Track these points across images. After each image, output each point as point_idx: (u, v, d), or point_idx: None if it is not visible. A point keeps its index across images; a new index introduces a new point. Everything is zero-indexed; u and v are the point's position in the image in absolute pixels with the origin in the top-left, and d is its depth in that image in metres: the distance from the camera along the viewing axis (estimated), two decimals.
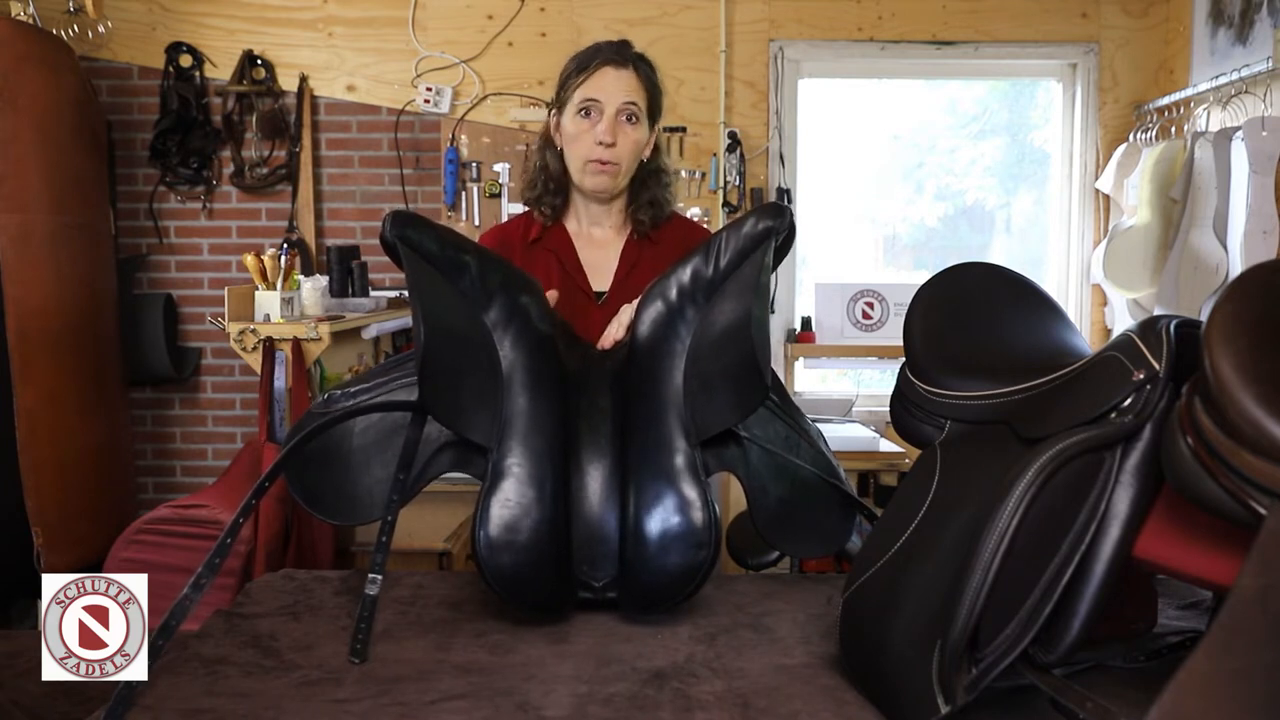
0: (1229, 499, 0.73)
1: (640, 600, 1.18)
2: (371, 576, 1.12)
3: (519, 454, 1.16)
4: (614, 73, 1.62)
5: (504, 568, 1.12)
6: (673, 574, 1.16)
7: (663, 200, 1.71)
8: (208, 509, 2.54)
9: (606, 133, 1.60)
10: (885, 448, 2.97)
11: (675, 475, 1.17)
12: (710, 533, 1.16)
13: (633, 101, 1.62)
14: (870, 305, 3.60)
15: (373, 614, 1.10)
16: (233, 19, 3.58)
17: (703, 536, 1.15)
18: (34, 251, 2.85)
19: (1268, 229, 2.74)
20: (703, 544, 1.15)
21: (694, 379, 1.21)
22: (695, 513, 1.16)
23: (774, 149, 3.63)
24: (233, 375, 3.64)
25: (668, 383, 1.22)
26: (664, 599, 1.18)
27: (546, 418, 1.19)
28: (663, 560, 1.15)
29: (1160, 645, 1.01)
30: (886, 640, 0.94)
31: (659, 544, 1.15)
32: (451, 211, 3.59)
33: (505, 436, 1.16)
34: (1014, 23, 3.60)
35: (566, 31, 3.58)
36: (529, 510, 1.13)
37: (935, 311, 1.24)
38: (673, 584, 1.16)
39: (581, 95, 1.62)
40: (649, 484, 1.17)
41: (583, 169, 1.64)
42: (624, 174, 1.66)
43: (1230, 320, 0.77)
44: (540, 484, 1.15)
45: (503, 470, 1.15)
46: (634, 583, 1.17)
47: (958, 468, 1.05)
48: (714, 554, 1.17)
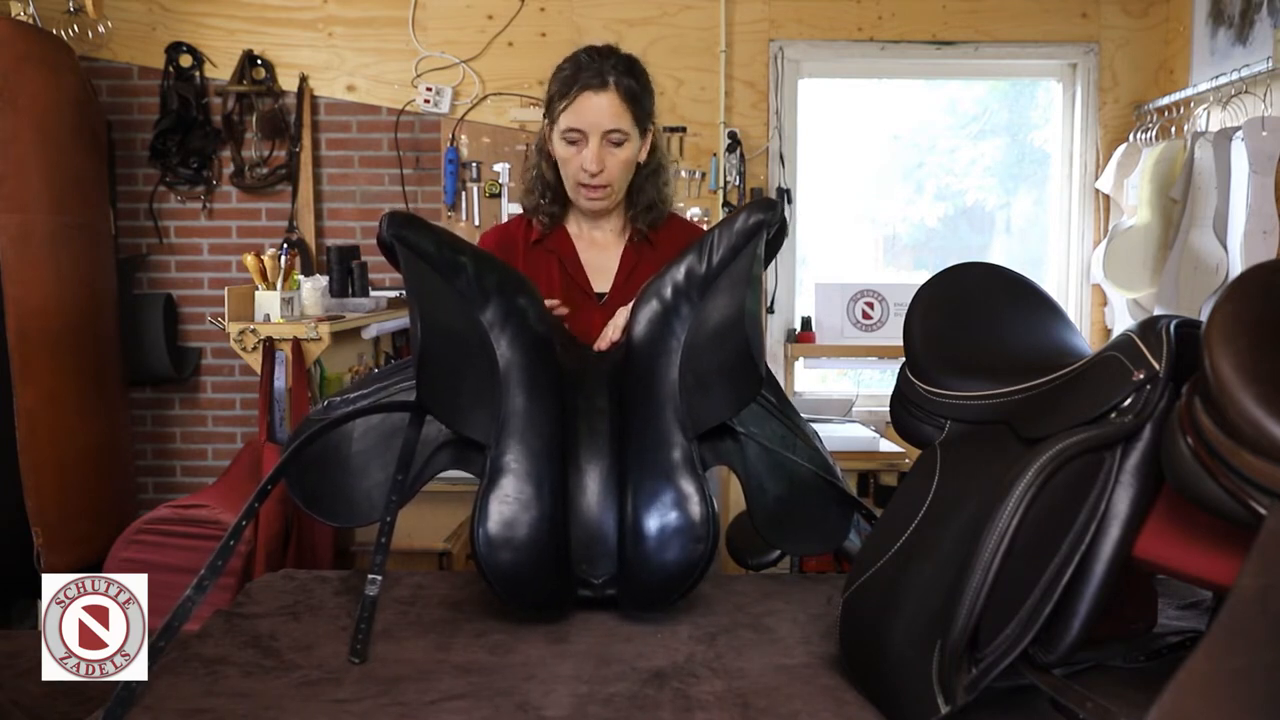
0: (1229, 499, 0.73)
1: (640, 597, 1.18)
2: (371, 577, 1.12)
3: (517, 452, 1.16)
4: (593, 99, 1.59)
5: (503, 565, 1.12)
6: (672, 570, 1.16)
7: (661, 200, 1.71)
8: (208, 509, 2.54)
9: (593, 161, 1.60)
10: (885, 448, 2.97)
11: (672, 470, 1.17)
12: (708, 527, 1.16)
13: (616, 128, 1.60)
14: (870, 305, 3.60)
15: (373, 615, 1.11)
16: (233, 19, 3.57)
17: (700, 531, 1.16)
18: (34, 251, 2.85)
19: (1268, 229, 2.74)
20: (700, 538, 1.16)
21: (689, 374, 1.22)
22: (693, 507, 1.16)
23: (774, 149, 3.63)
24: (233, 375, 3.64)
25: (664, 380, 1.22)
26: (664, 595, 1.18)
27: (544, 417, 1.19)
28: (662, 556, 1.15)
29: (1160, 645, 1.01)
30: (886, 640, 0.94)
31: (658, 540, 1.15)
32: (451, 211, 3.59)
33: (503, 435, 1.17)
34: (1014, 23, 3.60)
35: (566, 31, 3.58)
36: (528, 506, 1.14)
37: (935, 311, 1.24)
38: (672, 580, 1.17)
39: (565, 123, 1.61)
40: (647, 480, 1.18)
41: (575, 190, 1.65)
42: (616, 191, 1.67)
43: (1230, 320, 0.77)
44: (539, 481, 1.15)
45: (501, 467, 1.15)
46: (633, 580, 1.17)
47: (958, 468, 1.05)
48: (712, 547, 1.17)
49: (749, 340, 1.17)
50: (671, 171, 1.75)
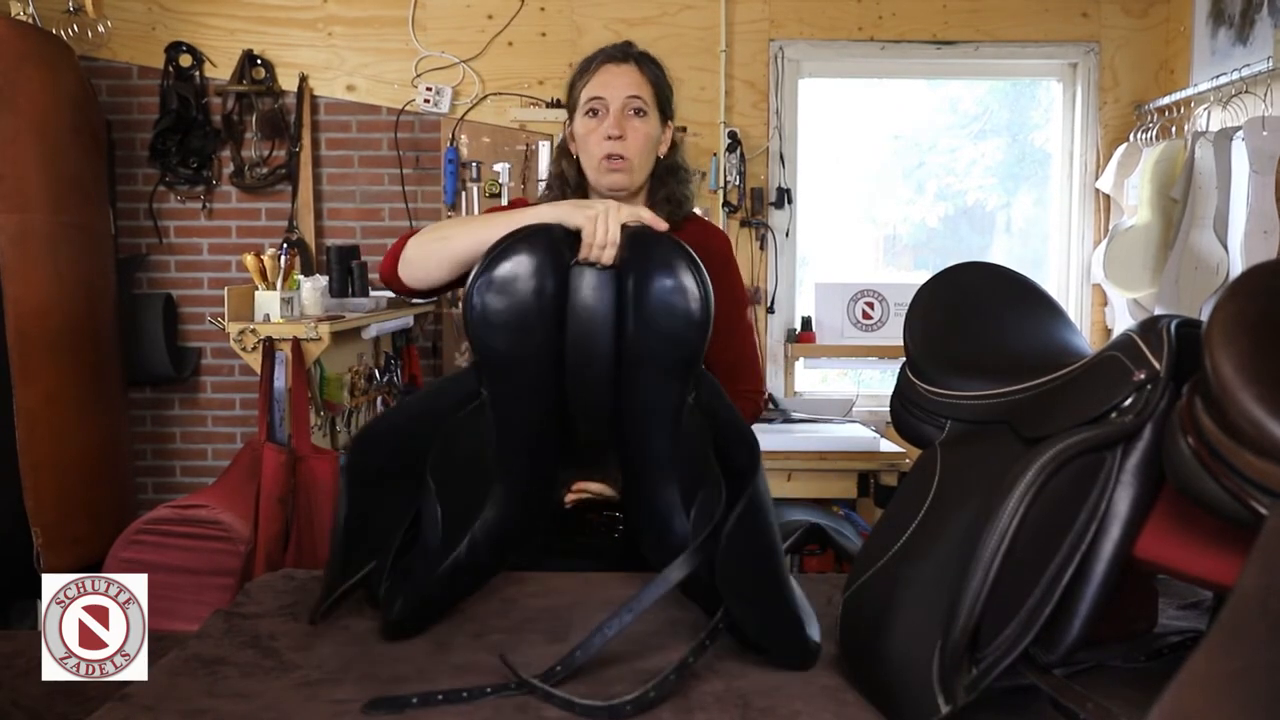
0: (1230, 499, 0.73)
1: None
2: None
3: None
4: (615, 69, 1.62)
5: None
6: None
7: (681, 197, 1.71)
8: (207, 509, 2.53)
9: (614, 125, 1.60)
10: (885, 448, 2.96)
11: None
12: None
13: (636, 95, 1.62)
14: (870, 305, 3.60)
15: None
16: (233, 19, 3.57)
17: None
18: (33, 251, 2.85)
19: (1268, 229, 2.74)
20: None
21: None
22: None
23: (774, 149, 3.63)
24: (232, 375, 3.64)
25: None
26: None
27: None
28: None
29: (1160, 645, 1.01)
30: (886, 640, 0.94)
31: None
32: (451, 211, 3.59)
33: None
34: (1014, 22, 3.60)
35: (566, 31, 3.58)
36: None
37: (935, 311, 1.24)
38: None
39: (587, 95, 1.63)
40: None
41: (598, 168, 1.64)
42: (638, 169, 1.65)
43: (1231, 320, 0.77)
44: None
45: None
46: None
47: (958, 468, 1.05)
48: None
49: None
50: (691, 173, 1.75)
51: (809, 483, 2.92)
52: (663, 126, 1.68)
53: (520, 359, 1.18)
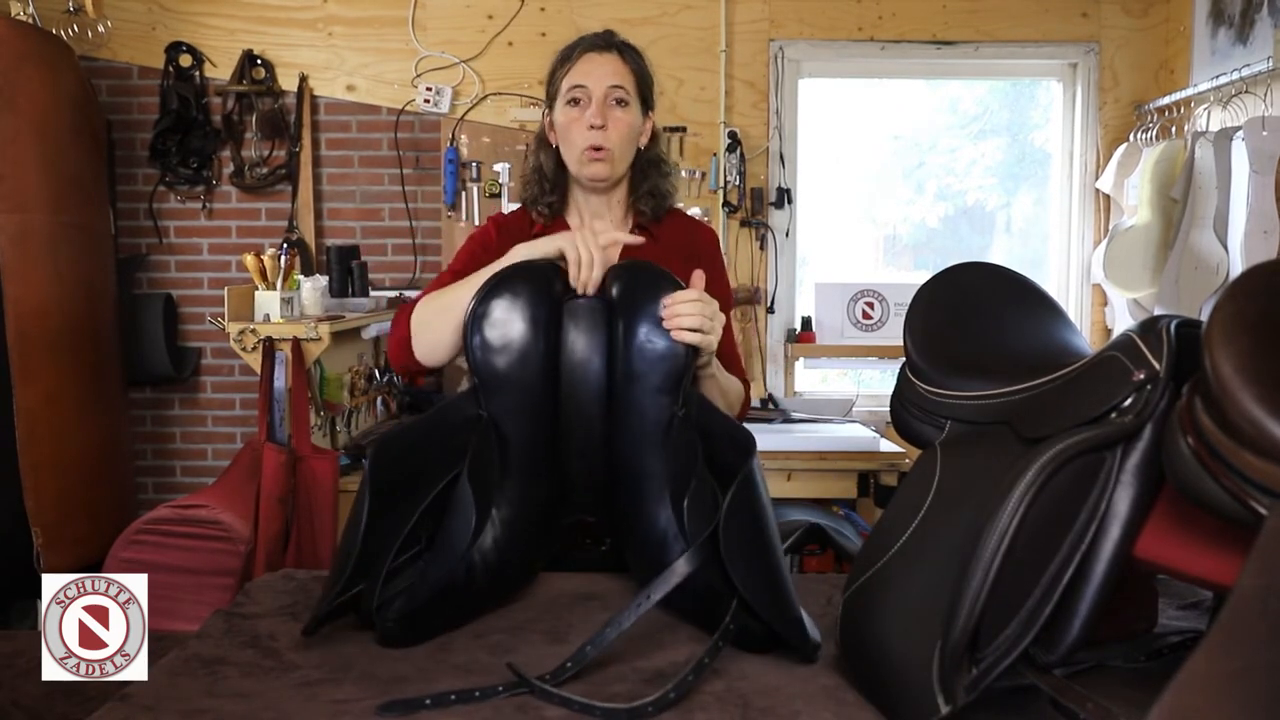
0: (1230, 499, 0.73)
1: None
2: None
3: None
4: (597, 58, 1.61)
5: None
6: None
7: (664, 190, 1.69)
8: (207, 509, 2.53)
9: (595, 115, 1.59)
10: (885, 448, 2.96)
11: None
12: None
13: (619, 85, 1.60)
14: (870, 305, 3.60)
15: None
16: (233, 19, 3.58)
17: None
18: (33, 251, 2.85)
19: (1268, 229, 2.74)
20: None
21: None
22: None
23: (774, 149, 3.63)
24: (232, 375, 3.64)
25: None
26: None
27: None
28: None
29: (1160, 645, 1.01)
30: (886, 640, 0.94)
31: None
32: (451, 211, 3.60)
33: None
34: (1014, 22, 3.60)
35: (566, 31, 3.56)
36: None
37: (935, 311, 1.24)
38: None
39: (568, 84, 1.61)
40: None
41: (579, 159, 1.63)
42: (619, 160, 1.64)
43: (1231, 320, 0.77)
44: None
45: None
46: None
47: (958, 468, 1.05)
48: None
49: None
50: (672, 166, 1.75)
51: (809, 483, 2.92)
52: (644, 117, 1.66)
53: (518, 380, 1.25)
